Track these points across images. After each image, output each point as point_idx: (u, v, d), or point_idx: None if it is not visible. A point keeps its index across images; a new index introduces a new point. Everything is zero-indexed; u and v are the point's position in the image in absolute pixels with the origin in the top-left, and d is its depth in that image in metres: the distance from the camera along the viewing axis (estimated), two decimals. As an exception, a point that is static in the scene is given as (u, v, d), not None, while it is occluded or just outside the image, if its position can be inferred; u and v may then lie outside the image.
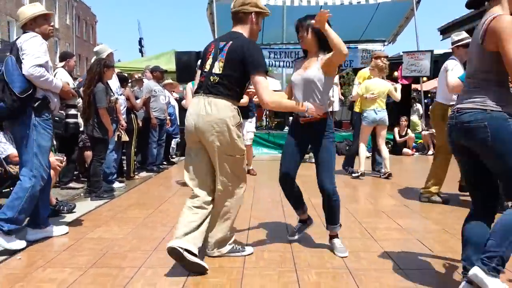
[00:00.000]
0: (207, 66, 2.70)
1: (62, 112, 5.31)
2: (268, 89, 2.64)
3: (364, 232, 3.46)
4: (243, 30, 2.76)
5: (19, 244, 2.99)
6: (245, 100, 5.51)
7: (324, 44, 2.84)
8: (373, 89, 6.08)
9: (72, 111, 5.35)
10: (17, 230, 3.07)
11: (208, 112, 2.57)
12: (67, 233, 3.38)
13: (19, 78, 2.96)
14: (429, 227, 3.62)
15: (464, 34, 4.60)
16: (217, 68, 2.64)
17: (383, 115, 6.14)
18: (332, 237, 3.06)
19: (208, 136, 2.59)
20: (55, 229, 3.35)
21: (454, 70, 4.33)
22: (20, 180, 3.06)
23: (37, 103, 3.06)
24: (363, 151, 6.31)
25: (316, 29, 2.80)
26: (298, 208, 3.24)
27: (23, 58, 2.99)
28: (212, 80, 2.64)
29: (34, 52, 3.01)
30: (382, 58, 6.32)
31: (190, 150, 2.76)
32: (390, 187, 5.49)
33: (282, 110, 2.48)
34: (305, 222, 3.31)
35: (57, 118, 5.24)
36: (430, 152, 9.17)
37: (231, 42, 2.67)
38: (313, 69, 2.86)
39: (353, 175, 6.26)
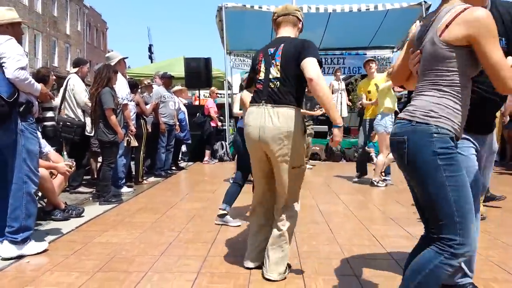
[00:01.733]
0: (262, 75, 2.62)
1: (73, 116, 5.37)
2: (318, 68, 2.44)
3: (373, 239, 3.43)
4: (291, 33, 2.68)
5: (38, 247, 3.02)
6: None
7: None
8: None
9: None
10: (32, 235, 3.06)
11: (276, 124, 2.47)
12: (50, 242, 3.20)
13: (4, 82, 2.86)
14: (439, 235, 3.57)
15: None
16: (275, 72, 2.56)
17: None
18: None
19: (276, 149, 2.48)
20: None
21: None
22: (12, 189, 2.95)
23: (22, 108, 2.96)
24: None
25: None
26: None
27: (4, 62, 2.87)
28: (272, 86, 2.54)
29: (14, 55, 2.89)
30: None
31: (254, 162, 2.70)
32: (399, 194, 5.44)
33: (322, 99, 2.39)
34: None
35: (68, 123, 5.32)
36: None
37: (282, 44, 2.58)
38: None
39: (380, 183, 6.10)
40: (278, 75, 2.54)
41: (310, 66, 2.42)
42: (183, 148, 9.35)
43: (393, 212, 4.43)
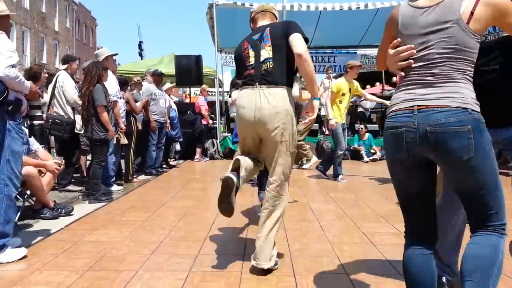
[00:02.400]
0: (252, 60, 2.65)
1: (62, 113, 5.31)
2: (305, 44, 2.55)
3: (363, 237, 3.45)
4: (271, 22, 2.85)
5: (15, 254, 2.84)
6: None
7: None
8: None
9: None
10: (8, 242, 2.88)
11: (272, 103, 2.51)
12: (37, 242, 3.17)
13: None
14: (428, 232, 3.60)
15: None
16: (266, 54, 2.61)
17: None
18: None
19: (272, 130, 2.53)
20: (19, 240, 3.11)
21: None
22: None
23: (10, 106, 2.85)
24: None
25: None
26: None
27: None
28: (266, 67, 2.59)
29: (5, 51, 2.78)
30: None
31: (246, 140, 2.73)
32: (388, 192, 5.48)
33: (306, 73, 2.55)
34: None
35: (58, 121, 5.26)
36: None
37: (268, 28, 2.68)
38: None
39: None
40: (270, 56, 2.59)
41: (297, 41, 2.51)
42: (177, 147, 9.31)
43: (383, 209, 4.47)
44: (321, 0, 11.55)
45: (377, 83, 14.95)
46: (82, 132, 5.34)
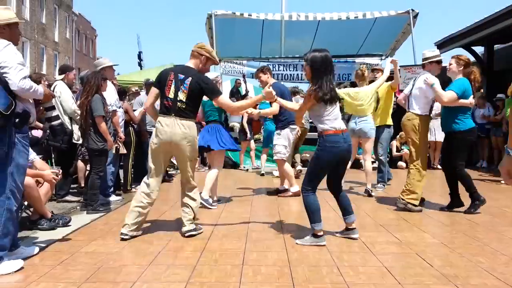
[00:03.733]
0: (171, 94, 3.61)
1: (54, 122, 5.30)
2: (230, 101, 3.87)
3: (363, 246, 3.42)
4: (195, 65, 3.76)
5: (12, 266, 2.80)
6: (274, 108, 5.17)
7: (317, 75, 3.42)
8: (359, 98, 5.77)
9: (54, 113, 5.33)
10: (6, 254, 2.85)
11: (184, 131, 3.58)
12: (38, 253, 3.16)
13: (1, 94, 2.72)
14: (428, 241, 3.58)
15: (437, 51, 4.94)
16: (182, 97, 3.59)
17: (364, 125, 5.76)
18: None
19: (183, 147, 3.61)
20: (26, 250, 3.13)
21: (438, 84, 4.58)
22: None
23: (18, 119, 2.83)
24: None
25: (310, 62, 3.44)
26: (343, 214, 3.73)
27: (5, 73, 2.76)
28: (179, 106, 3.59)
29: (15, 64, 2.79)
30: (362, 66, 6.30)
31: (159, 154, 3.70)
32: (387, 200, 5.46)
33: (245, 110, 4.18)
34: (349, 230, 3.70)
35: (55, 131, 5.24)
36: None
37: (190, 78, 3.61)
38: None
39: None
40: (184, 100, 3.59)
41: (226, 103, 3.86)
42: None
43: (382, 218, 4.44)
44: (320, 9, 11.61)
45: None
46: (80, 142, 5.33)
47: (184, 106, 3.58)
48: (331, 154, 3.42)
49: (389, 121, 6.36)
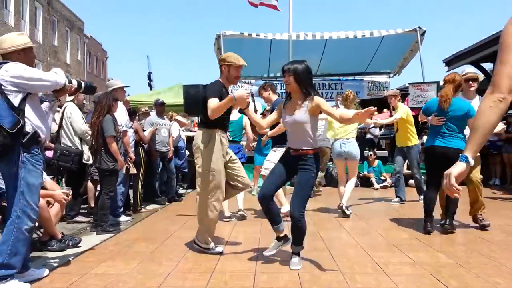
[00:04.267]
0: None
1: (70, 144, 5.35)
2: (212, 104, 3.58)
3: (376, 267, 3.35)
4: (222, 79, 3.90)
5: (19, 287, 2.80)
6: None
7: (305, 86, 3.32)
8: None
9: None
10: (15, 274, 2.86)
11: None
12: (48, 275, 3.15)
13: (8, 113, 2.74)
14: (442, 261, 3.50)
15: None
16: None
17: (350, 148, 5.80)
18: (293, 253, 3.43)
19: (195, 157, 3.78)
20: (36, 272, 3.10)
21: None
22: (7, 222, 2.84)
23: (26, 138, 2.83)
24: (341, 187, 5.86)
25: (296, 74, 3.31)
26: (273, 224, 3.51)
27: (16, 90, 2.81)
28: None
29: (37, 74, 2.91)
30: (348, 90, 6.33)
31: None
32: (400, 219, 5.38)
33: (221, 111, 3.58)
34: (281, 239, 3.56)
35: (66, 152, 5.29)
36: None
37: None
38: (301, 112, 3.31)
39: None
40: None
41: (208, 104, 3.64)
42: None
43: (395, 238, 4.36)
44: (327, 29, 11.71)
45: (385, 109, 14.94)
46: (90, 162, 5.36)
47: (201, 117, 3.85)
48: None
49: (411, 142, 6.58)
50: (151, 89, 18.86)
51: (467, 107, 4.51)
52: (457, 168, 1.70)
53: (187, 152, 8.58)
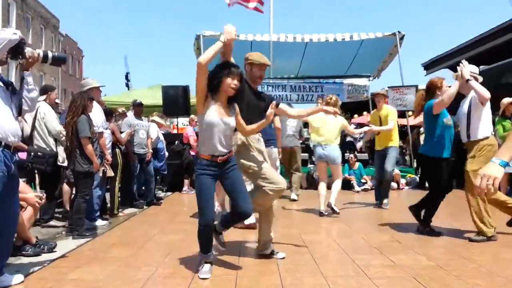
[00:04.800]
0: None
1: (44, 146, 5.17)
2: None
3: (358, 269, 3.34)
4: (246, 77, 3.54)
5: None
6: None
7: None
8: (316, 121, 6.06)
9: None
10: None
11: None
12: (22, 281, 3.02)
13: None
14: (423, 264, 3.52)
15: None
16: None
17: (331, 152, 5.90)
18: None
19: None
20: (9, 278, 2.99)
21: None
22: None
23: None
24: (322, 190, 5.93)
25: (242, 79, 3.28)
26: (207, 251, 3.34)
27: None
28: None
29: None
30: (331, 94, 6.43)
31: None
32: (381, 222, 5.41)
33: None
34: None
35: (40, 153, 5.10)
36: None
37: None
38: (232, 117, 3.21)
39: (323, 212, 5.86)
40: None
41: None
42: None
43: (376, 240, 4.37)
44: (307, 31, 11.77)
45: (364, 113, 15.12)
46: (65, 164, 5.18)
47: None
48: None
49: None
50: (128, 89, 18.60)
51: (425, 107, 4.67)
52: (498, 171, 1.72)
53: (167, 154, 8.46)
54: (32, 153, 5.10)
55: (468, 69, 4.38)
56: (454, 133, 4.83)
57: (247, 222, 4.70)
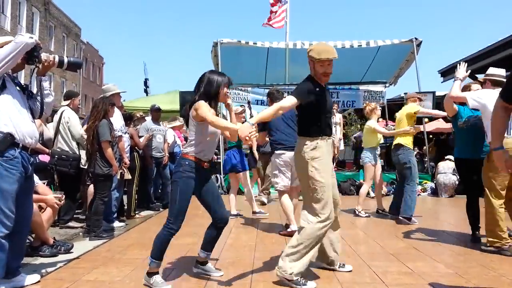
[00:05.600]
0: None
1: (67, 149, 5.28)
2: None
3: (374, 276, 3.29)
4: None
5: None
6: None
7: None
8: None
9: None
10: (2, 281, 2.80)
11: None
12: (38, 281, 3.06)
13: None
14: (441, 271, 3.45)
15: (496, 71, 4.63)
16: None
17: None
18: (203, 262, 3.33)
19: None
20: (26, 278, 3.01)
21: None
22: None
23: None
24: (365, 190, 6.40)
25: None
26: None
27: None
28: None
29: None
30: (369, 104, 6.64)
31: None
32: (397, 228, 5.33)
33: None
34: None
35: (64, 156, 5.22)
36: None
37: None
38: None
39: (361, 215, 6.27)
40: None
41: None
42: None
43: (393, 247, 4.31)
44: (324, 38, 11.75)
45: (380, 119, 14.97)
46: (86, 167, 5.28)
47: None
48: None
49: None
50: (147, 95, 18.81)
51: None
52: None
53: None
54: (56, 156, 5.21)
55: (462, 69, 4.41)
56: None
57: (289, 229, 4.81)
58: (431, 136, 13.61)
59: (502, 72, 4.53)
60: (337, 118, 11.22)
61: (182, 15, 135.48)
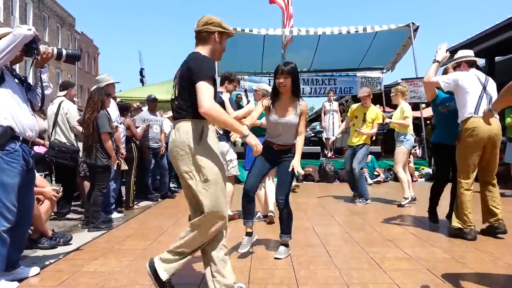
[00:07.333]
0: (173, 94, 2.59)
1: (65, 140, 5.26)
2: (210, 96, 2.35)
3: (372, 262, 3.32)
4: (203, 50, 2.57)
5: (7, 286, 2.75)
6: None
7: (296, 90, 3.47)
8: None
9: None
10: (2, 273, 2.80)
11: (174, 137, 2.47)
12: (38, 273, 3.07)
13: None
14: (438, 256, 3.48)
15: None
16: (176, 92, 2.54)
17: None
18: (282, 244, 3.58)
19: (175, 161, 2.47)
20: (26, 271, 3.02)
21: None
22: None
23: None
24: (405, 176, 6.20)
25: (294, 76, 3.41)
26: (247, 219, 3.64)
27: None
28: (174, 105, 2.54)
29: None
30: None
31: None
32: (394, 214, 5.37)
33: (219, 124, 2.47)
34: (250, 234, 3.66)
35: (64, 149, 5.20)
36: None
37: (180, 67, 2.56)
38: (292, 114, 3.47)
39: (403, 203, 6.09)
40: (177, 95, 2.52)
41: (199, 95, 2.33)
42: None
43: (390, 233, 4.34)
44: (320, 24, 11.68)
45: (377, 105, 14.96)
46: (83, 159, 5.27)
47: (177, 103, 2.52)
48: None
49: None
50: (143, 85, 18.72)
51: None
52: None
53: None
54: (56, 148, 5.19)
55: (442, 51, 4.36)
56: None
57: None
58: (428, 121, 13.62)
59: (471, 52, 4.54)
60: (334, 105, 11.20)
61: (177, 3, 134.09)
